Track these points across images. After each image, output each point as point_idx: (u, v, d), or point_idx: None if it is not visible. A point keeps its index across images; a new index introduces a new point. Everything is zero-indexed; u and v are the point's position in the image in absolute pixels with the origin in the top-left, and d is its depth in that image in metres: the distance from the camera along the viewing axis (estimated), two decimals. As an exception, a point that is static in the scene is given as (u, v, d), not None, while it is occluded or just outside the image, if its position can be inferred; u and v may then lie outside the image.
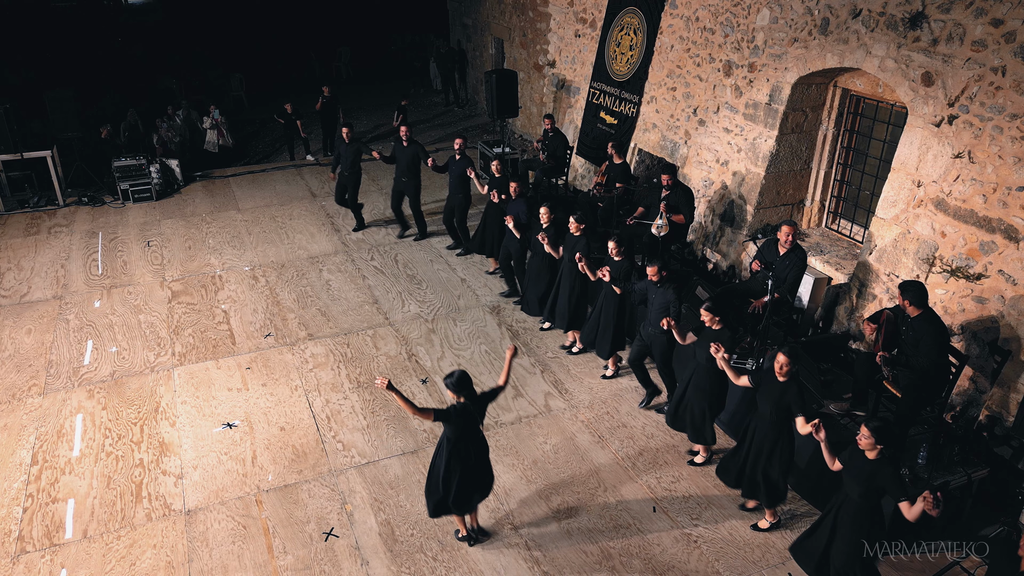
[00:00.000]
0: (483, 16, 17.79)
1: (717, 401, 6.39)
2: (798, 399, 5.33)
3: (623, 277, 7.25)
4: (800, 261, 7.09)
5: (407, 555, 5.81)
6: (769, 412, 5.50)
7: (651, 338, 7.07)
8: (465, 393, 5.28)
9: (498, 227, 9.54)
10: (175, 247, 11.13)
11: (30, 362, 8.27)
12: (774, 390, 5.44)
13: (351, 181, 11.23)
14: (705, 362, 6.16)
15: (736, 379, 5.86)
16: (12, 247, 11.14)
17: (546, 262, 8.40)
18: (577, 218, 7.77)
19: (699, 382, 6.31)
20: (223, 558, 5.77)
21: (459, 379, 5.27)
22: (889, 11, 7.27)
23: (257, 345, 8.58)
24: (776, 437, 5.54)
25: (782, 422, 5.48)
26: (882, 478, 4.64)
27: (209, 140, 14.83)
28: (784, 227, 7.07)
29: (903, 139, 7.28)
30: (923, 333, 5.81)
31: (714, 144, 9.71)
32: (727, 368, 5.83)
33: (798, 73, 8.35)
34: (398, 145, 10.70)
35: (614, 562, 5.75)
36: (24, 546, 5.88)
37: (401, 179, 10.82)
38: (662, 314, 6.74)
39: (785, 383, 5.38)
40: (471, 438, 5.44)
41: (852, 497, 4.81)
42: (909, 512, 4.52)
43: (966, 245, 6.70)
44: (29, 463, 6.76)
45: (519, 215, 8.87)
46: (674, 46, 10.46)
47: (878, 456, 4.67)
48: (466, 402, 5.30)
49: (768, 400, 5.49)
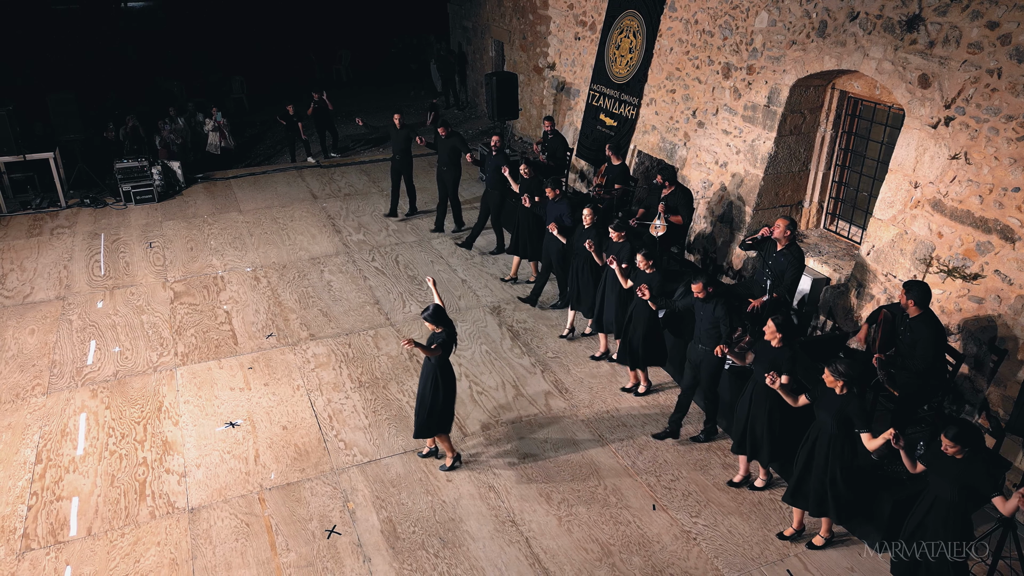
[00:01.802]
0: (483, 19, 17.87)
1: (778, 425, 6.02)
2: (860, 413, 5.19)
3: (657, 292, 7.00)
4: (797, 259, 7.13)
5: (409, 552, 5.86)
6: (829, 424, 5.32)
7: (700, 357, 6.71)
8: (443, 323, 6.15)
9: (534, 230, 9.54)
10: (177, 248, 11.19)
11: (33, 362, 8.32)
12: (834, 402, 5.28)
13: (403, 165, 11.61)
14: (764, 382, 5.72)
15: (794, 402, 5.62)
16: (15, 248, 11.20)
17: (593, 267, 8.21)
18: (615, 226, 7.62)
19: (760, 403, 5.98)
20: (226, 555, 5.82)
21: (435, 311, 6.16)
22: (886, 14, 7.34)
23: (259, 345, 8.64)
24: (839, 449, 5.35)
25: (843, 434, 5.32)
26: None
27: (211, 142, 14.90)
28: (779, 220, 7.09)
29: (900, 140, 7.34)
30: (920, 335, 5.86)
31: (713, 146, 9.78)
32: (785, 394, 5.59)
33: (796, 75, 8.42)
34: (437, 137, 11.04)
35: (614, 559, 5.80)
36: (29, 543, 5.93)
37: (442, 168, 11.08)
38: (712, 332, 6.50)
39: (846, 396, 5.21)
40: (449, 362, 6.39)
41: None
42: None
43: (963, 245, 6.77)
44: (33, 461, 6.81)
45: (562, 218, 8.63)
46: (673, 48, 10.53)
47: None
48: (443, 331, 6.13)
49: (828, 412, 5.32)
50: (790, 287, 7.24)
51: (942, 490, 4.77)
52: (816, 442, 5.47)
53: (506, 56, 16.94)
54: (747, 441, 6.14)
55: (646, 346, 7.32)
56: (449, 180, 11.14)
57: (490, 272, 10.41)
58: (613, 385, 7.94)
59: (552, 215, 8.77)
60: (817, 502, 5.56)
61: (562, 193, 8.92)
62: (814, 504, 5.59)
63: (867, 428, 5.16)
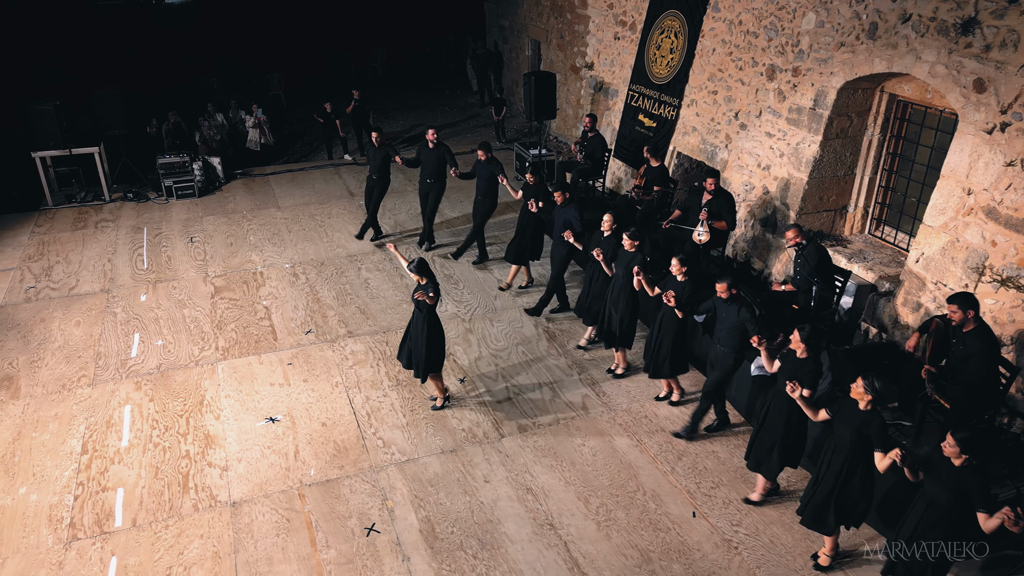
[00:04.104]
0: (520, 18, 17.84)
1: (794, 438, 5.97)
2: (880, 433, 5.08)
3: (686, 301, 6.86)
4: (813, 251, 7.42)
5: (447, 552, 5.86)
6: (848, 441, 5.22)
7: (717, 358, 6.74)
8: (427, 274, 6.88)
9: (536, 236, 9.48)
10: (217, 243, 11.33)
11: (79, 353, 8.48)
12: (854, 418, 5.18)
13: (378, 185, 10.99)
14: (784, 393, 5.72)
15: (815, 416, 5.50)
16: (60, 241, 11.43)
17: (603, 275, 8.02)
18: (631, 234, 7.41)
19: (776, 413, 5.92)
20: (268, 550, 5.88)
21: (419, 263, 6.89)
22: (940, 16, 7.16)
23: (298, 341, 8.71)
24: (855, 465, 5.26)
25: (861, 451, 5.22)
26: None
27: (251, 139, 15.07)
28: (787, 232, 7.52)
29: (953, 146, 7.16)
30: (974, 350, 5.70)
31: (756, 148, 9.64)
32: (805, 407, 5.51)
33: (844, 78, 8.26)
34: (423, 148, 10.53)
35: (654, 566, 5.75)
36: (75, 533, 6.04)
37: (426, 181, 10.62)
38: (732, 334, 6.49)
39: (868, 413, 5.11)
40: None
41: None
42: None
43: (1017, 254, 6.58)
44: (79, 452, 6.94)
45: (572, 222, 8.48)
46: (716, 49, 10.40)
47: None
48: (428, 281, 6.85)
49: (847, 426, 5.22)
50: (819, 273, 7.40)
51: (937, 495, 4.76)
52: (832, 457, 5.36)
53: (543, 55, 16.89)
54: (752, 454, 6.12)
55: (674, 354, 7.20)
56: (434, 194, 10.67)
57: (503, 288, 10.28)
58: (651, 389, 7.87)
59: (559, 220, 8.61)
60: (817, 518, 5.49)
61: (571, 198, 8.73)
62: (810, 519, 5.53)
63: (884, 449, 5.04)
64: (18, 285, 10.06)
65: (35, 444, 7.04)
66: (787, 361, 5.80)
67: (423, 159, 10.54)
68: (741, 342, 6.54)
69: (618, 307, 7.69)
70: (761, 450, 6.05)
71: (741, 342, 6.54)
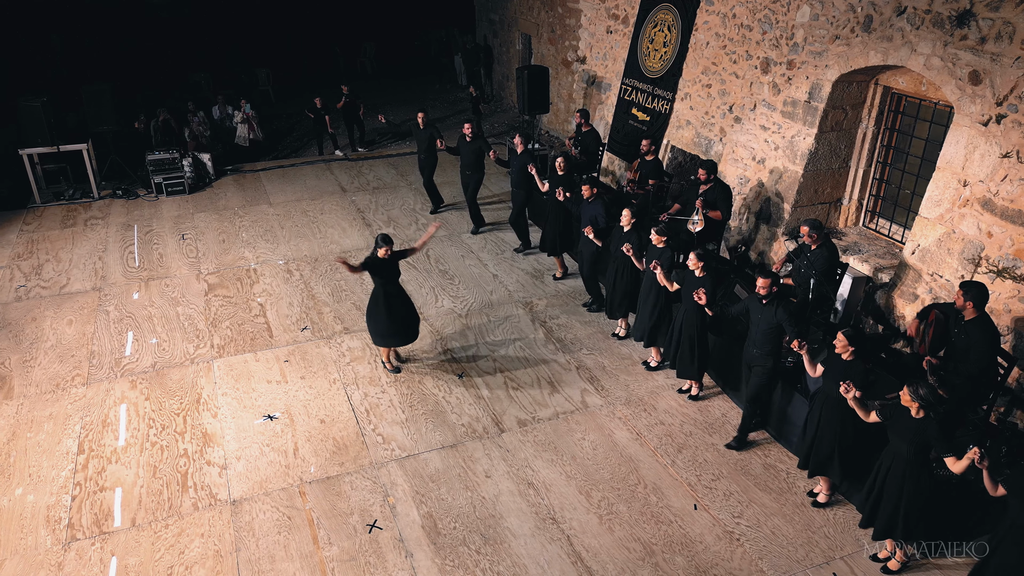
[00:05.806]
0: (511, 12, 17.78)
1: (849, 439, 5.84)
2: (940, 437, 4.92)
3: (711, 297, 6.76)
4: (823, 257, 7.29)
5: (450, 548, 5.85)
6: (905, 451, 5.07)
7: (753, 360, 6.57)
8: (388, 247, 7.23)
9: (561, 225, 9.47)
10: (209, 240, 11.24)
11: (72, 352, 8.39)
12: (909, 427, 5.04)
13: (427, 164, 11.71)
14: (836, 396, 5.62)
15: (866, 417, 5.43)
16: (50, 239, 11.30)
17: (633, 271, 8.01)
18: (659, 230, 7.38)
19: (829, 418, 5.82)
20: (270, 548, 5.84)
21: (383, 236, 7.28)
22: (935, 9, 7.19)
23: (294, 338, 8.66)
24: (916, 475, 5.11)
25: (920, 460, 5.09)
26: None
27: (240, 134, 14.94)
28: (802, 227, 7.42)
29: (949, 138, 7.20)
30: (976, 340, 5.73)
31: (750, 142, 9.66)
32: (857, 407, 5.41)
33: (839, 71, 8.28)
34: (462, 140, 10.95)
35: (657, 559, 5.76)
36: (74, 533, 5.98)
37: (465, 172, 11.08)
38: (769, 335, 6.34)
39: (922, 420, 4.96)
40: (395, 284, 7.56)
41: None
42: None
43: (1013, 246, 6.63)
44: (76, 452, 6.87)
45: (597, 219, 8.45)
46: (710, 43, 10.41)
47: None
48: (386, 256, 7.24)
49: (903, 438, 5.08)
50: (824, 274, 7.34)
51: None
52: (890, 469, 5.24)
53: (534, 50, 16.85)
54: (811, 459, 6.01)
55: (701, 352, 7.18)
56: (473, 184, 11.13)
57: (521, 267, 10.37)
58: (649, 383, 7.88)
59: (587, 216, 8.62)
60: (887, 528, 5.35)
61: (599, 193, 8.72)
62: (881, 529, 5.39)
63: (951, 452, 4.89)
64: (8, 284, 9.94)
65: (30, 444, 6.96)
66: (832, 364, 5.75)
67: (462, 152, 11.02)
68: (777, 343, 6.40)
69: (647, 303, 7.67)
70: (821, 455, 5.93)
71: (777, 343, 6.40)
